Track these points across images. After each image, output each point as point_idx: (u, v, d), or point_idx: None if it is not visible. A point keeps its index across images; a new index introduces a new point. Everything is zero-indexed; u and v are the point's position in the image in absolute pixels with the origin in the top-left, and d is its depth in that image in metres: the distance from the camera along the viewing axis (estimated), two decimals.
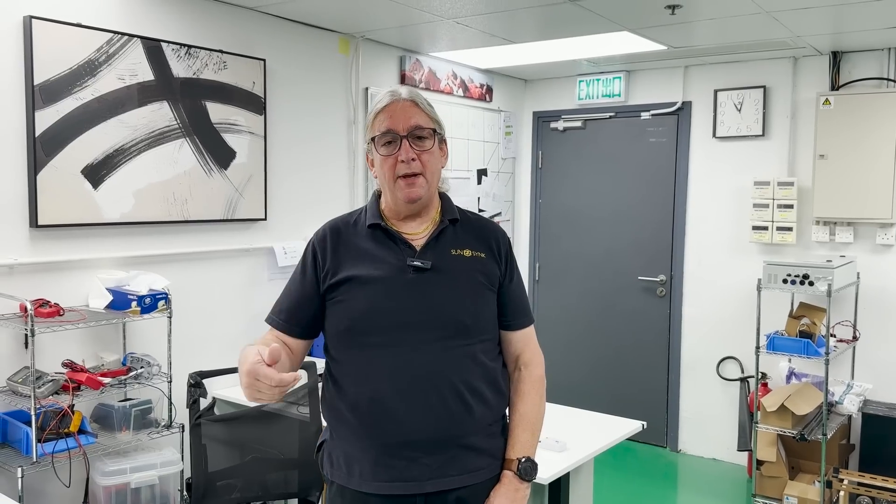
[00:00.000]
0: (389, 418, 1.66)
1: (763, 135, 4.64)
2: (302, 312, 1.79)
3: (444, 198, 1.85)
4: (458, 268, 1.74)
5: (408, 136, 1.71)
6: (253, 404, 2.99)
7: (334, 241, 1.78)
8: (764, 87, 4.62)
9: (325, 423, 1.82)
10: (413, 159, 1.70)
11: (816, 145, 4.34)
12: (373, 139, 1.75)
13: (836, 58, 4.37)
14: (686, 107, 4.95)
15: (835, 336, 4.19)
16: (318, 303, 1.77)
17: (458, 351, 1.69)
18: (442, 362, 1.68)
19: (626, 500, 4.32)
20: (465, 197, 4.99)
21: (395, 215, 1.79)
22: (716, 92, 4.78)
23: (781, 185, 4.47)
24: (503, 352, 1.83)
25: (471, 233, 1.81)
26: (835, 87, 4.37)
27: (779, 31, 3.90)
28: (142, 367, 2.97)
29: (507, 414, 1.83)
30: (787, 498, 4.04)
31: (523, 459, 1.75)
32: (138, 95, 3.12)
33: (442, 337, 1.68)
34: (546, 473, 2.45)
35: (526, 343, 1.84)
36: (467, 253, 1.76)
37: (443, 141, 1.80)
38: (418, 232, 1.77)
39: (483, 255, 1.77)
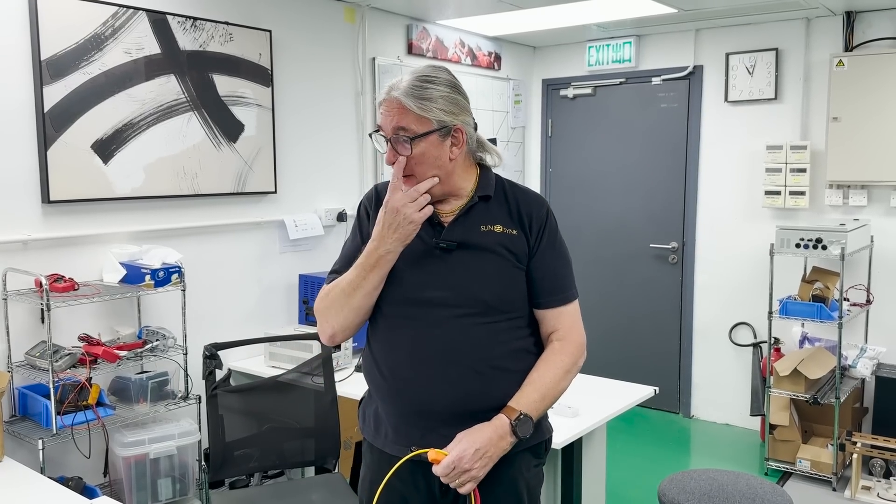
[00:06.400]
0: (406, 389, 1.68)
1: (775, 98, 4.58)
2: None
3: (483, 170, 1.79)
4: (486, 245, 1.70)
5: (391, 139, 1.64)
6: (268, 375, 3.02)
7: (375, 207, 1.77)
8: (776, 49, 4.55)
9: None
10: (394, 162, 1.64)
11: (830, 108, 4.28)
12: None
13: (849, 18, 4.28)
14: (697, 71, 4.89)
15: (848, 300, 4.17)
16: None
17: (479, 329, 1.67)
18: (461, 339, 1.67)
19: (638, 465, 4.35)
20: None
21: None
22: (727, 55, 4.72)
23: (794, 148, 4.42)
24: (540, 330, 1.77)
25: (505, 208, 1.75)
26: (849, 47, 4.30)
27: None
28: (157, 340, 3.00)
29: None
30: (800, 461, 4.06)
31: (523, 415, 1.64)
32: (145, 69, 3.11)
33: (462, 314, 1.67)
34: (559, 438, 2.47)
35: (560, 321, 1.74)
36: (498, 229, 1.71)
37: (450, 133, 1.68)
38: (450, 209, 1.73)
39: (514, 232, 1.72)
